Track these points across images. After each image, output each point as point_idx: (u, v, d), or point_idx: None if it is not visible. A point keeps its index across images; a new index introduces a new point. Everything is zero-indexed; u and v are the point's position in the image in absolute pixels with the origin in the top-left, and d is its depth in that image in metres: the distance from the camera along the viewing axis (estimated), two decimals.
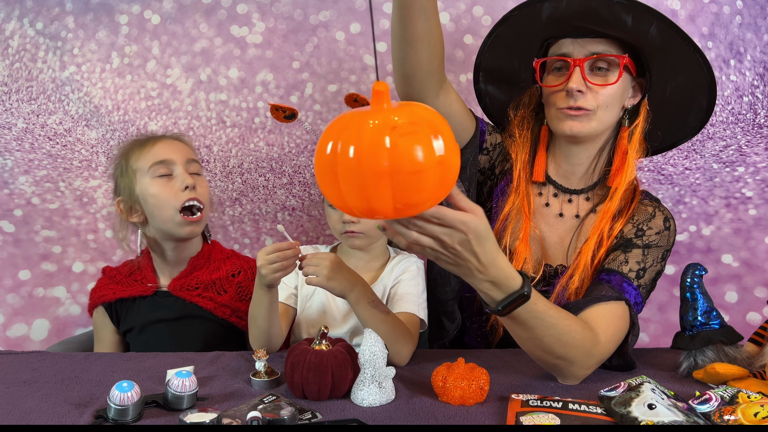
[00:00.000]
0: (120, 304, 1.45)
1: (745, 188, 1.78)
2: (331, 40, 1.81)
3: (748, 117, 1.76)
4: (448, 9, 1.79)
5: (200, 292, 1.41)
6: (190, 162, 1.40)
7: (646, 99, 1.27)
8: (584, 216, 1.29)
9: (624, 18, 1.14)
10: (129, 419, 0.92)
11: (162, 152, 1.38)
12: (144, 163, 1.37)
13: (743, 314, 1.77)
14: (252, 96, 1.82)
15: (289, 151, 1.85)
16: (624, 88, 1.22)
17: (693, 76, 1.21)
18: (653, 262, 1.20)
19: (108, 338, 1.47)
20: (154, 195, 1.36)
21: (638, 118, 1.25)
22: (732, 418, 0.86)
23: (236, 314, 1.41)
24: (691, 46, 1.17)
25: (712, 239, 1.79)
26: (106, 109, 1.82)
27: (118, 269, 1.50)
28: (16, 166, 1.81)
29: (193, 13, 1.80)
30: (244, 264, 1.48)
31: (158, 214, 1.37)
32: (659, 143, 1.32)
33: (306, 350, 1.01)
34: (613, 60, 1.19)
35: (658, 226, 1.22)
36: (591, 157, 1.29)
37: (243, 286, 1.44)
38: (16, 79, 1.80)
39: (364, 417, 0.93)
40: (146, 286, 1.43)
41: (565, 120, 1.21)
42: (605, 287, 1.15)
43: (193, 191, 1.37)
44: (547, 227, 1.31)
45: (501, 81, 1.37)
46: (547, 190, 1.33)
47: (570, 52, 1.20)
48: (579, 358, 1.04)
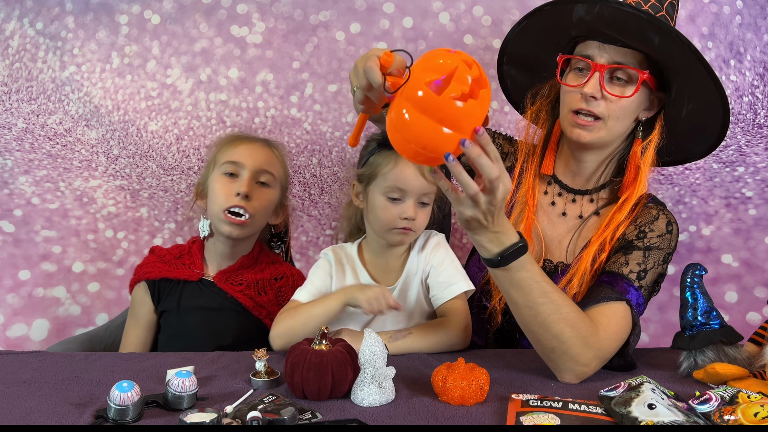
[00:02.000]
0: (164, 283, 1.47)
1: (745, 188, 1.78)
2: (331, 40, 1.81)
3: (748, 117, 1.76)
4: (448, 9, 1.79)
5: (242, 288, 1.45)
6: (261, 172, 1.43)
7: (662, 114, 1.26)
8: (587, 217, 1.30)
9: (651, 36, 1.14)
10: (129, 419, 0.92)
11: (240, 153, 1.42)
12: (221, 157, 1.44)
13: (743, 314, 1.77)
14: (252, 96, 1.82)
15: (289, 151, 1.85)
16: (640, 101, 1.22)
17: (710, 104, 1.20)
18: (655, 264, 1.20)
19: (145, 316, 1.48)
20: (214, 190, 1.43)
21: (653, 132, 1.24)
22: (732, 418, 0.86)
23: (270, 317, 1.43)
24: (711, 77, 1.15)
25: (712, 239, 1.79)
26: (106, 109, 1.82)
27: (169, 250, 1.53)
28: (16, 166, 1.81)
29: (193, 13, 1.80)
30: (287, 271, 1.51)
31: (211, 207, 1.44)
32: (669, 158, 1.31)
33: (306, 350, 1.01)
34: (633, 73, 1.18)
35: (660, 229, 1.22)
36: (598, 162, 1.29)
37: (282, 292, 1.47)
38: (16, 79, 1.80)
39: (364, 417, 0.93)
40: (193, 272, 1.46)
41: (574, 128, 1.23)
42: (606, 289, 1.16)
43: (245, 200, 1.40)
44: (549, 224, 1.33)
45: (524, 67, 1.38)
46: (553, 189, 1.34)
47: (594, 56, 1.19)
48: (575, 343, 1.05)
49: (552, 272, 1.29)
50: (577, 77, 1.22)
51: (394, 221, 1.25)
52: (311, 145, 1.85)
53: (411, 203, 1.24)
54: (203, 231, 1.46)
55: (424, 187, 1.24)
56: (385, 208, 1.25)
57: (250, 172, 1.41)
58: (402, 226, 1.25)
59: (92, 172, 1.84)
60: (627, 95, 1.19)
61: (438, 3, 1.79)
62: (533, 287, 1.03)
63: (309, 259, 1.87)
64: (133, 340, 1.47)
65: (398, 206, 1.25)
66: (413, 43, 1.79)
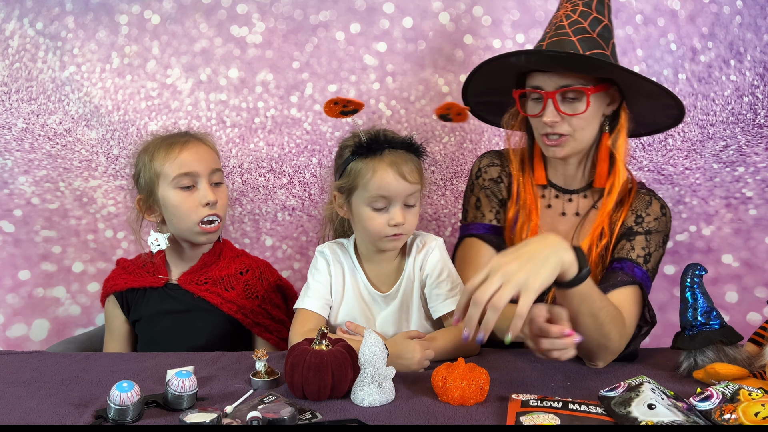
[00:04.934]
0: (131, 293, 1.47)
1: (745, 188, 1.78)
2: (331, 40, 1.81)
3: (748, 117, 1.76)
4: (448, 9, 1.79)
5: (208, 287, 1.44)
6: (213, 172, 1.42)
7: (625, 103, 1.32)
8: (585, 213, 1.37)
9: (580, 67, 1.24)
10: (129, 419, 0.92)
11: (188, 162, 1.39)
12: (168, 169, 1.38)
13: (743, 314, 1.77)
14: (252, 96, 1.82)
15: (289, 151, 1.85)
16: (597, 107, 1.28)
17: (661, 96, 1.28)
18: (656, 247, 1.29)
19: (118, 328, 1.49)
20: (176, 206, 1.39)
21: (620, 122, 1.31)
22: (732, 417, 0.86)
23: (242, 311, 1.43)
24: (647, 81, 1.24)
25: (712, 239, 1.79)
26: (106, 109, 1.82)
27: (132, 261, 1.53)
28: (16, 166, 1.81)
29: (193, 13, 1.80)
30: (253, 263, 1.50)
31: (177, 223, 1.40)
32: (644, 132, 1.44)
33: (306, 350, 1.01)
34: (581, 90, 1.25)
35: (656, 212, 1.31)
36: (577, 164, 1.37)
37: (250, 285, 1.46)
38: (16, 79, 1.80)
39: (364, 417, 0.93)
40: (157, 278, 1.46)
41: (549, 147, 1.30)
42: (619, 274, 1.25)
43: (214, 207, 1.40)
44: (552, 225, 1.39)
45: (490, 106, 1.46)
46: (549, 193, 1.40)
47: (542, 85, 1.27)
48: (616, 338, 1.14)
49: None
50: (535, 106, 1.30)
51: (383, 230, 1.22)
52: (311, 145, 1.85)
53: (397, 209, 1.21)
54: (157, 246, 1.40)
55: (407, 189, 1.21)
56: (372, 218, 1.22)
57: (205, 178, 1.39)
58: (392, 233, 1.23)
59: (92, 172, 1.84)
60: (581, 111, 1.25)
61: (438, 3, 1.79)
62: (593, 296, 1.08)
63: (309, 259, 1.86)
64: (114, 352, 1.47)
65: (385, 214, 1.22)
66: (413, 43, 1.79)
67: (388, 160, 1.19)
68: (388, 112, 1.83)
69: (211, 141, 1.48)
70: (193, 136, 1.45)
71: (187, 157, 1.39)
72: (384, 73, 1.81)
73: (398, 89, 1.82)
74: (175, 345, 1.38)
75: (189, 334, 1.42)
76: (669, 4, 1.74)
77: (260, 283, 1.47)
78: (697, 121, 1.78)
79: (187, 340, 1.39)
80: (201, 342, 1.39)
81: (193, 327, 1.43)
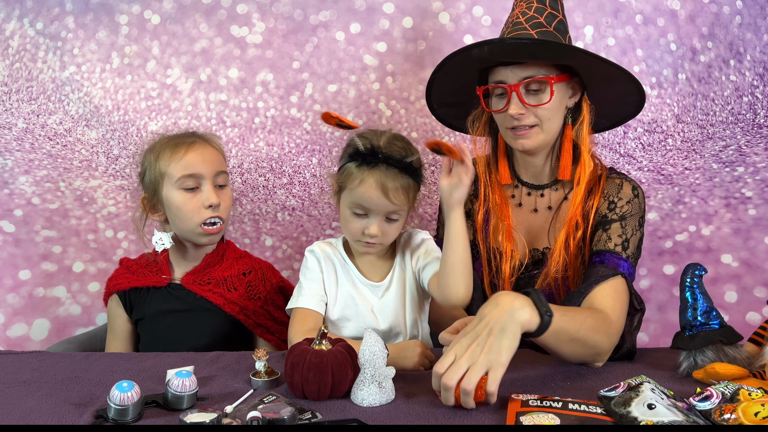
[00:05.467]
0: (134, 293, 1.48)
1: (744, 188, 1.78)
2: (331, 40, 1.81)
3: (748, 117, 1.76)
4: (448, 9, 1.79)
5: (211, 287, 1.44)
6: (218, 174, 1.42)
7: (586, 95, 1.35)
8: (557, 206, 1.38)
9: (542, 52, 1.26)
10: (129, 419, 0.92)
11: (193, 164, 1.39)
12: (173, 170, 1.39)
13: (743, 314, 1.77)
14: (252, 96, 1.83)
15: (289, 151, 1.85)
16: (561, 96, 1.30)
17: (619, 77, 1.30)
18: (633, 231, 1.29)
19: (120, 327, 1.49)
20: (179, 207, 1.39)
21: (582, 114, 1.34)
22: (732, 416, 0.86)
23: (244, 312, 1.43)
24: (606, 63, 1.26)
25: (712, 239, 1.79)
26: (106, 109, 1.82)
27: (136, 260, 1.53)
28: (16, 166, 1.81)
29: (193, 13, 1.80)
30: (256, 264, 1.51)
31: (179, 223, 1.41)
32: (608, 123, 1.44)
33: (306, 350, 1.01)
34: (544, 81, 1.27)
35: (628, 195, 1.31)
36: (544, 158, 1.38)
37: (252, 286, 1.47)
38: (16, 79, 1.80)
39: (364, 417, 0.93)
40: (160, 278, 1.46)
41: (516, 139, 1.31)
42: (599, 268, 1.25)
43: (217, 209, 1.40)
44: (525, 223, 1.40)
45: (453, 106, 1.47)
46: (519, 192, 1.42)
47: (505, 79, 1.29)
48: (604, 342, 1.14)
49: (540, 259, 1.37)
50: (500, 101, 1.31)
51: (358, 234, 1.23)
52: (311, 145, 1.85)
53: (375, 221, 1.21)
54: (162, 245, 1.42)
55: (389, 207, 1.20)
56: (350, 221, 1.23)
57: (210, 180, 1.40)
58: (365, 240, 1.24)
59: (92, 172, 1.84)
60: (546, 101, 1.27)
61: (438, 3, 1.79)
62: (568, 325, 1.07)
63: None
64: (114, 352, 1.47)
65: (362, 221, 1.22)
66: (413, 43, 1.80)
67: (378, 176, 1.18)
68: (388, 112, 1.83)
69: (217, 143, 1.48)
70: (200, 137, 1.45)
71: (193, 158, 1.40)
72: (384, 73, 1.81)
73: (398, 89, 1.82)
74: (177, 345, 1.38)
75: (191, 334, 1.42)
76: (669, 4, 1.74)
77: (263, 284, 1.47)
78: (697, 121, 1.78)
79: (189, 340, 1.40)
80: (203, 342, 1.39)
81: (195, 327, 1.43)
